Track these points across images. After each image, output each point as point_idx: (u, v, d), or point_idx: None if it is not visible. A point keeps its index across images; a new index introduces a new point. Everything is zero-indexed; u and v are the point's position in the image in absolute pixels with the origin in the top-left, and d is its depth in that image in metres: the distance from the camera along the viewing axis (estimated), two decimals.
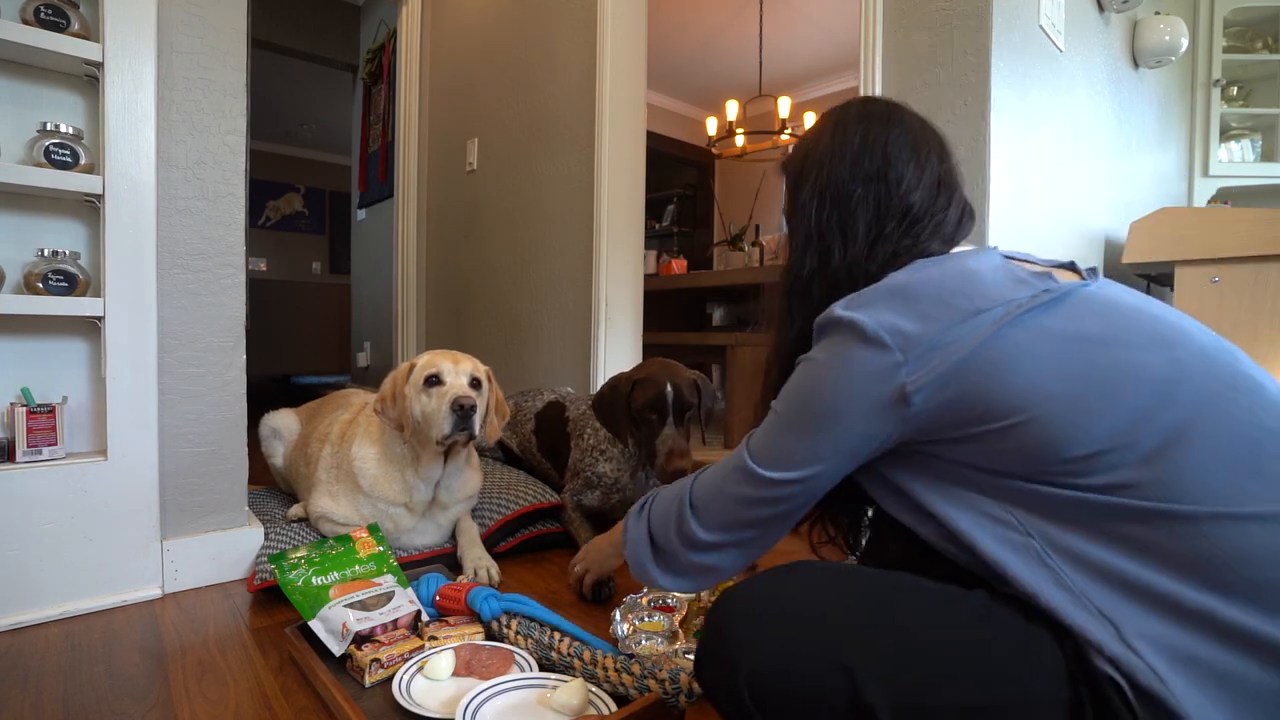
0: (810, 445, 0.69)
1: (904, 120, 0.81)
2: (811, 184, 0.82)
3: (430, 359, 1.40)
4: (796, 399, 0.71)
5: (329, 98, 5.59)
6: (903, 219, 0.77)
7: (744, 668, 0.61)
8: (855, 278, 0.76)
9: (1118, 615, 0.54)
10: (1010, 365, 0.61)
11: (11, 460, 1.20)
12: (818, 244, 0.80)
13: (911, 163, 0.78)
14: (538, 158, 2.64)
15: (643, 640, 1.08)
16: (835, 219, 0.79)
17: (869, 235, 0.77)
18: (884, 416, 0.65)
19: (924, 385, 0.62)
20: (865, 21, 1.66)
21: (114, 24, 1.24)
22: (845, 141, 0.80)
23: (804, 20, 4.61)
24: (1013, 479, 0.62)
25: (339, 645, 1.03)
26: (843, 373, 0.67)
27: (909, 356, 0.63)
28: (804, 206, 0.82)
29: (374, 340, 4.05)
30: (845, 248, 0.78)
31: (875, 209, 0.77)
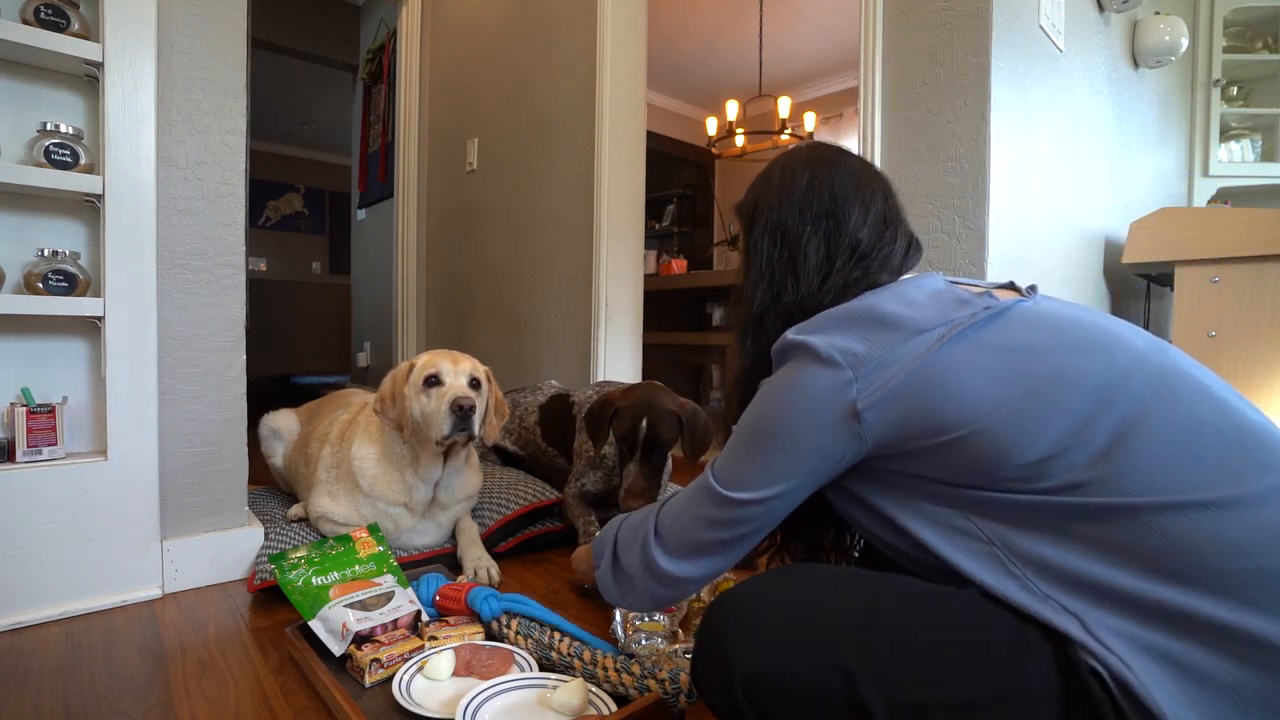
0: (770, 464, 0.72)
1: (847, 163, 0.86)
2: (763, 224, 0.87)
3: (430, 359, 1.40)
4: (755, 420, 0.75)
5: (329, 98, 5.59)
6: (851, 254, 0.82)
7: (739, 669, 0.61)
8: (808, 310, 0.80)
9: (1082, 612, 0.56)
10: (954, 379, 0.65)
11: (11, 460, 1.20)
12: (770, 280, 0.85)
13: (857, 202, 0.83)
14: (538, 158, 2.64)
15: (643, 640, 1.08)
16: (787, 256, 0.84)
17: (820, 270, 0.83)
18: (838, 433, 0.68)
19: (874, 402, 0.66)
20: (865, 21, 1.66)
21: (114, 24, 1.24)
22: (793, 184, 0.86)
23: (804, 20, 4.61)
24: (970, 489, 0.64)
25: (339, 645, 1.03)
26: (797, 392, 0.70)
27: (858, 375, 0.67)
28: (756, 245, 0.87)
29: (374, 340, 4.05)
30: (798, 282, 0.83)
31: (825, 246, 0.83)
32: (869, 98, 1.64)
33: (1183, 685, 0.52)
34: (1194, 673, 0.52)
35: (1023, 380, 0.63)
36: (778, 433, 0.71)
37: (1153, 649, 0.54)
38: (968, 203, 1.49)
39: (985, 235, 1.47)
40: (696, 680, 0.68)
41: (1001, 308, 0.69)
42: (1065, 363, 0.64)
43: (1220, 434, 0.58)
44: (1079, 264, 1.97)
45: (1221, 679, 0.51)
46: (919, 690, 0.57)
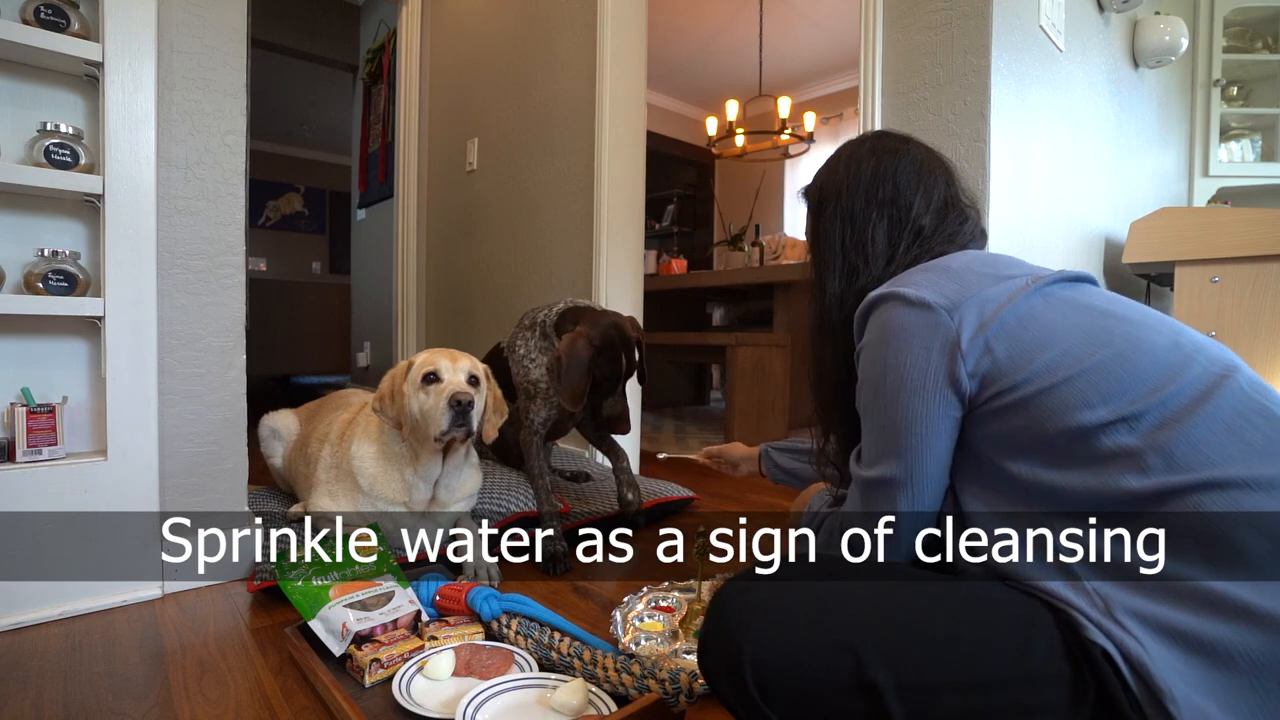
0: (901, 419, 0.72)
1: (911, 152, 0.90)
2: (831, 210, 0.90)
3: (428, 357, 1.40)
4: (871, 384, 0.76)
5: (329, 98, 5.59)
6: (915, 238, 0.86)
7: (748, 652, 0.61)
8: (891, 259, 0.85)
9: (1106, 591, 0.58)
10: (1045, 324, 0.68)
11: (11, 460, 1.20)
12: (844, 264, 0.88)
13: (919, 189, 0.87)
14: (538, 158, 2.64)
15: (642, 640, 1.08)
16: (855, 241, 0.88)
17: (885, 254, 0.86)
18: (947, 371, 0.69)
19: (973, 337, 0.68)
20: (865, 21, 1.66)
21: (114, 24, 1.24)
22: (859, 172, 0.89)
23: (804, 20, 4.61)
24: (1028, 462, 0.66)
25: (339, 645, 1.03)
26: (898, 338, 0.72)
27: (954, 313, 0.70)
28: (825, 230, 0.91)
29: (374, 340, 4.05)
30: (867, 265, 0.86)
31: (889, 231, 0.86)
32: (869, 98, 1.64)
33: (1200, 669, 0.52)
34: (1214, 656, 0.52)
35: (1104, 338, 0.66)
36: (898, 386, 0.72)
37: (1173, 631, 0.54)
38: None
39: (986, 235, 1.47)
40: (703, 664, 0.67)
41: (1075, 275, 0.73)
42: (1137, 332, 0.66)
43: (1272, 419, 0.60)
44: (1079, 264, 1.97)
45: (1240, 661, 0.52)
46: (928, 671, 0.58)
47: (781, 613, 0.63)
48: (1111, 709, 0.55)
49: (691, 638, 1.09)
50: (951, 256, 0.81)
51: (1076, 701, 0.56)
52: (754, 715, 0.61)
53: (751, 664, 0.61)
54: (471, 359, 1.44)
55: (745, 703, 0.62)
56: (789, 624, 0.62)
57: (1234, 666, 0.52)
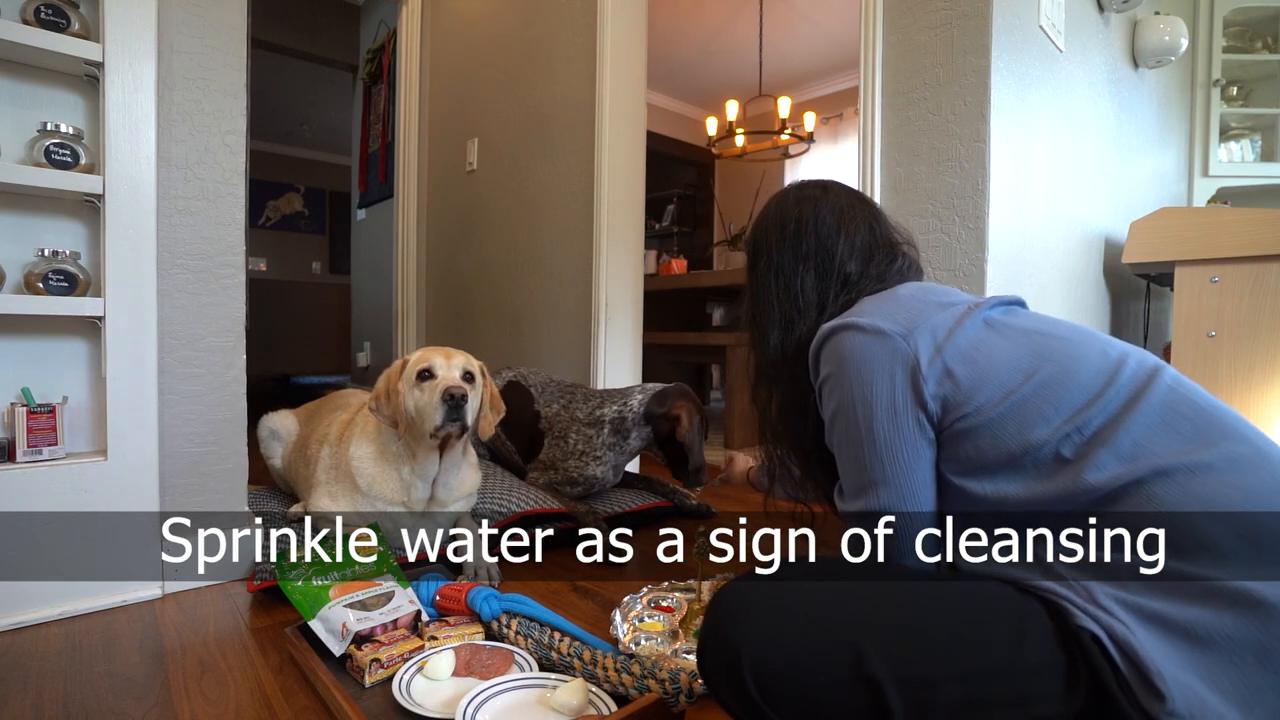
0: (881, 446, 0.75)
1: (829, 199, 0.95)
2: (764, 265, 0.96)
3: (423, 354, 1.41)
4: (842, 418, 0.78)
5: (329, 98, 5.59)
6: (843, 286, 0.91)
7: (747, 652, 0.61)
8: (824, 308, 0.90)
9: (1091, 585, 0.61)
10: (991, 346, 0.73)
11: (12, 460, 1.20)
12: (779, 316, 0.93)
13: (841, 237, 0.92)
14: (538, 158, 2.64)
15: (642, 640, 1.08)
16: (787, 294, 0.92)
17: (818, 303, 0.91)
18: (913, 392, 0.72)
19: (930, 360, 0.72)
20: (865, 21, 1.66)
21: (114, 24, 1.24)
22: (784, 227, 0.95)
23: (804, 20, 4.61)
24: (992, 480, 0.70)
25: (339, 645, 1.03)
26: (861, 365, 0.75)
27: (908, 338, 0.73)
28: (761, 284, 0.96)
29: (374, 340, 4.05)
30: (801, 316, 0.91)
31: (817, 282, 0.91)
32: (869, 98, 1.64)
33: (1183, 651, 0.55)
34: (1192, 636, 0.55)
35: (1047, 355, 0.71)
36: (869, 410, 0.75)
37: (1154, 616, 0.57)
38: (967, 203, 1.49)
39: (985, 235, 1.47)
40: (702, 666, 0.68)
41: (1009, 299, 0.79)
42: (1072, 349, 0.72)
43: (1194, 408, 0.66)
44: (1079, 264, 1.97)
45: (1218, 640, 0.55)
46: (927, 665, 0.59)
47: (779, 613, 0.63)
48: (1104, 695, 0.57)
49: (691, 637, 1.09)
50: (897, 287, 0.86)
51: (1071, 688, 0.58)
52: (754, 716, 0.61)
53: (751, 665, 0.61)
54: (466, 355, 1.44)
55: (745, 704, 0.62)
56: (787, 624, 0.62)
57: (1213, 646, 0.55)
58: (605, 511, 1.76)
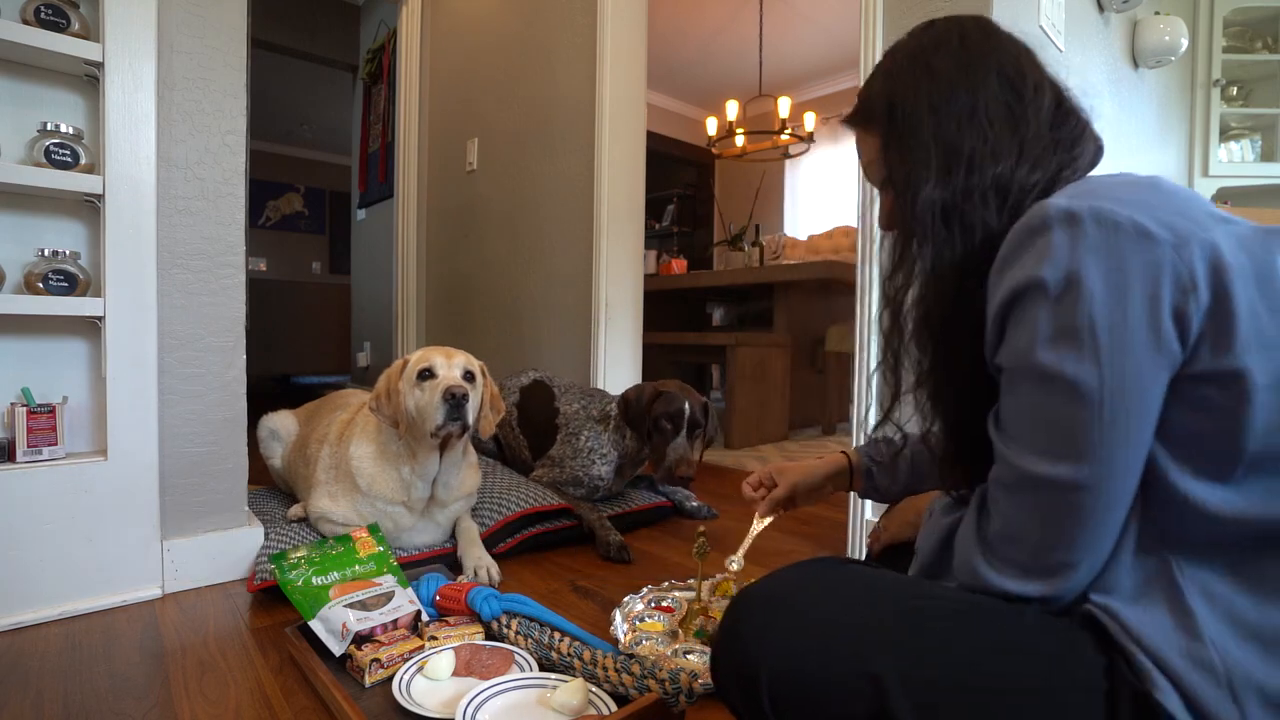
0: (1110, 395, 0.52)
1: (994, 23, 0.72)
2: (914, 99, 0.67)
3: (424, 354, 1.41)
4: (1063, 341, 0.53)
5: (329, 98, 5.59)
6: (1036, 117, 0.64)
7: (765, 668, 0.59)
8: (1005, 190, 0.63)
9: (1239, 663, 0.49)
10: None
11: (12, 460, 1.20)
12: (958, 151, 0.64)
13: (1026, 59, 0.68)
14: (538, 158, 2.64)
15: (642, 640, 1.08)
16: (970, 121, 0.64)
17: (1019, 138, 0.64)
18: (1174, 328, 0.51)
19: (1199, 285, 0.50)
20: (865, 21, 1.65)
21: (114, 24, 1.24)
22: (940, 48, 0.69)
23: (804, 20, 4.61)
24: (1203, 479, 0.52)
25: (339, 645, 1.03)
26: (1111, 274, 0.51)
27: (1182, 249, 0.50)
28: (914, 123, 0.67)
29: (374, 340, 4.05)
30: (997, 153, 0.63)
31: (1010, 115, 0.64)
32: None
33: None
34: None
35: None
36: (1101, 343, 0.51)
37: None
38: None
39: None
40: (716, 673, 0.65)
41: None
42: None
43: None
44: None
45: None
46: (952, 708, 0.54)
47: (801, 631, 0.59)
48: None
49: (692, 637, 1.09)
50: (1146, 176, 0.59)
51: None
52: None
53: (769, 681, 0.58)
54: (467, 355, 1.44)
55: (757, 716, 0.60)
56: (808, 644, 0.58)
57: None
58: (606, 511, 1.76)
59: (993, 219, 0.62)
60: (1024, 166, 0.63)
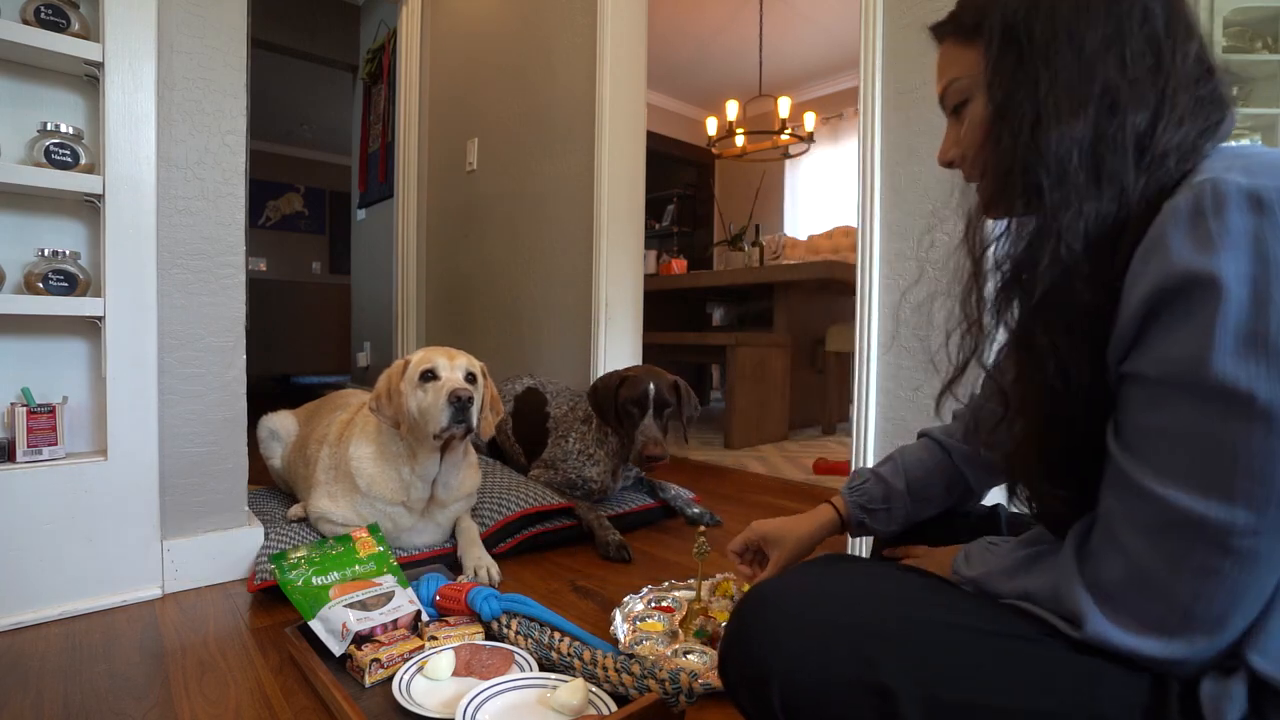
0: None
1: None
2: (1046, 19, 0.55)
3: (425, 354, 1.41)
4: (1252, 353, 0.44)
5: (329, 98, 5.59)
6: (1186, 60, 0.54)
7: (778, 672, 0.57)
8: (1145, 145, 0.52)
9: None
10: None
11: (12, 460, 1.20)
12: (1095, 90, 0.53)
13: (1182, 13, 0.55)
14: (538, 158, 2.64)
15: (643, 640, 1.08)
16: (1104, 61, 0.53)
17: (1158, 81, 0.53)
18: None
19: None
20: (865, 21, 1.65)
21: (114, 24, 1.24)
22: None
23: (804, 20, 4.61)
24: None
25: (339, 645, 1.03)
26: None
27: None
28: (1040, 45, 0.55)
29: (374, 340, 4.05)
30: (1136, 96, 0.52)
31: (1154, 45, 0.53)
32: (869, 98, 1.64)
33: None
34: None
35: None
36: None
37: None
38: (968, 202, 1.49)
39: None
40: (725, 674, 0.64)
41: None
42: None
43: None
44: None
45: None
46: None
47: (814, 634, 0.57)
48: None
49: (692, 637, 1.09)
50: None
51: None
52: None
53: (781, 685, 0.57)
54: (468, 356, 1.44)
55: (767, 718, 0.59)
56: (822, 649, 0.56)
57: None
58: (605, 512, 1.76)
59: (1130, 179, 0.51)
60: (1166, 121, 0.52)
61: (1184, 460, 0.46)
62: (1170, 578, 0.47)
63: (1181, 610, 0.47)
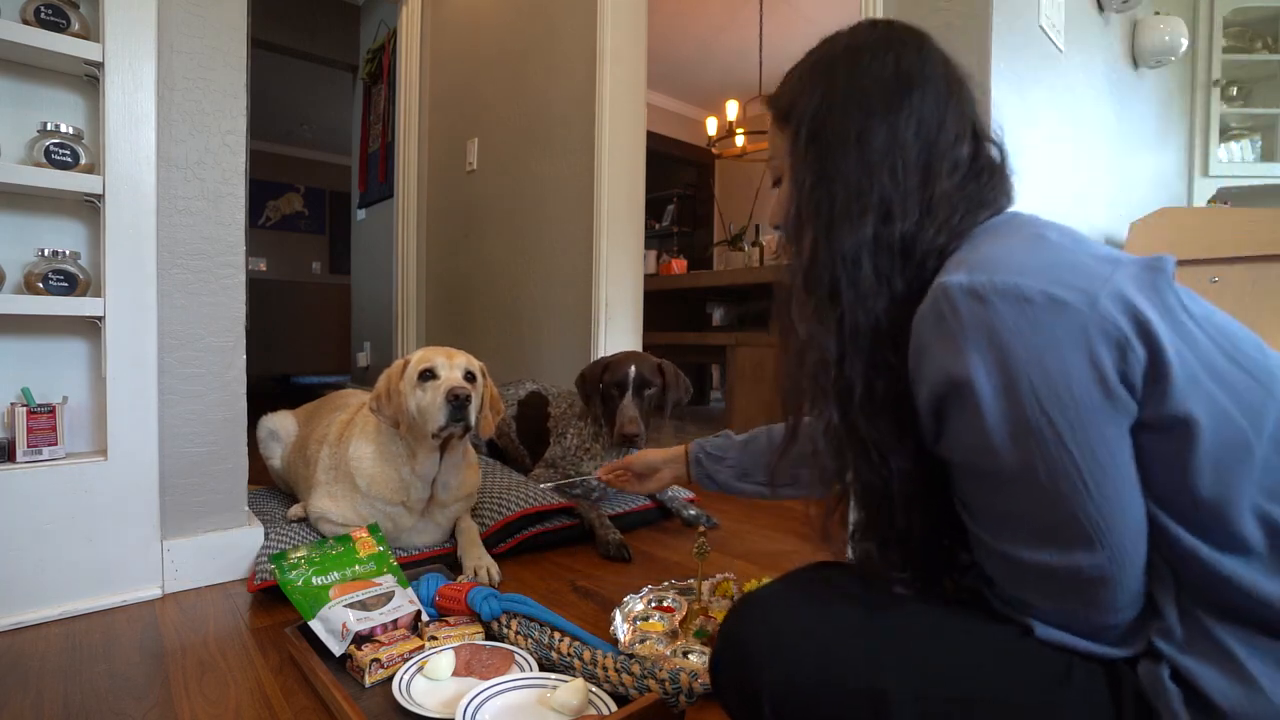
0: (1085, 474, 0.50)
1: (936, 48, 0.65)
2: (836, 120, 0.61)
3: (425, 354, 1.41)
4: (1009, 428, 0.51)
5: (329, 98, 5.59)
6: (952, 174, 0.60)
7: (768, 678, 0.58)
8: (911, 251, 0.58)
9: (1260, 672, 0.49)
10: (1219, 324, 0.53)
11: (12, 460, 1.20)
12: (867, 196, 0.59)
13: (950, 103, 0.61)
14: (538, 158, 2.64)
15: (643, 640, 1.08)
16: (884, 165, 0.59)
17: (924, 196, 0.59)
18: (1121, 387, 0.49)
19: (1129, 339, 0.48)
20: None
21: (114, 24, 1.24)
22: (873, 68, 0.62)
23: (804, 20, 4.61)
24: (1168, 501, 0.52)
25: (339, 645, 1.03)
26: (1041, 350, 0.48)
27: (1095, 307, 0.48)
28: (836, 148, 0.61)
29: (374, 340, 4.05)
30: (906, 203, 0.59)
31: (921, 156, 0.60)
32: None
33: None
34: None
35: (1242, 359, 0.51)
36: (1061, 421, 0.49)
37: None
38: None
39: None
40: (716, 681, 0.65)
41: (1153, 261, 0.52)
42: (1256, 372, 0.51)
43: None
44: None
45: None
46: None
47: (805, 640, 0.59)
48: None
49: (692, 637, 1.09)
50: (1030, 219, 0.58)
51: None
52: None
53: (771, 693, 0.58)
54: (467, 356, 1.44)
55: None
56: (813, 654, 0.57)
57: None
58: (605, 511, 1.76)
59: (898, 282, 0.59)
60: (929, 228, 0.59)
61: (1027, 527, 0.54)
62: (1062, 608, 0.54)
63: (1084, 622, 0.54)
